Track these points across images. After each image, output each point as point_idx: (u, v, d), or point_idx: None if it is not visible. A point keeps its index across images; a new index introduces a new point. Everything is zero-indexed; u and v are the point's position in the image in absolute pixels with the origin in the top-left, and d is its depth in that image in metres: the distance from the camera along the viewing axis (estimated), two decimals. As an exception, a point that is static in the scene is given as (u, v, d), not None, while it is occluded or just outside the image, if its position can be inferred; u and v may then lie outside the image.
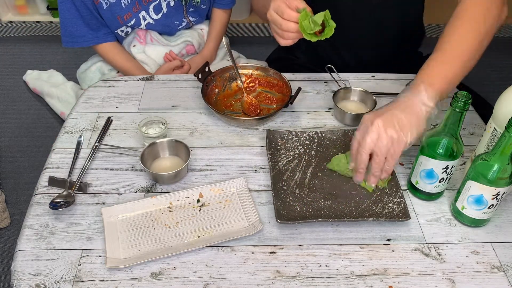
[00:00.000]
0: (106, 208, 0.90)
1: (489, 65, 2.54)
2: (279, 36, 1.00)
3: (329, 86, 1.27)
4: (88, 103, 1.19)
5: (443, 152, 0.87)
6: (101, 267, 0.83)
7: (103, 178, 0.99)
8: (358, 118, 1.12)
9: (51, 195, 0.95)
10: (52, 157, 1.04)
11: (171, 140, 1.02)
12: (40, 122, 2.10)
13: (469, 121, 1.16)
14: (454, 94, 0.82)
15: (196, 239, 0.87)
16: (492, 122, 0.91)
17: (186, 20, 1.50)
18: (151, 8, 1.42)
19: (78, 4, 1.36)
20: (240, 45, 2.45)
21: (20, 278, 0.81)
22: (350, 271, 0.83)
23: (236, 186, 0.97)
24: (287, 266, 0.84)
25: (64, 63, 2.43)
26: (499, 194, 0.84)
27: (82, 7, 1.37)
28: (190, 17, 1.50)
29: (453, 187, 0.98)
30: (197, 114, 1.17)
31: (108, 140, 1.09)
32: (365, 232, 0.90)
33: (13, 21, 2.71)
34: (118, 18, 1.40)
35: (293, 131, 1.09)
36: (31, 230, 0.89)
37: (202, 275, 0.82)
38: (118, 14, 1.40)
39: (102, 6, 1.37)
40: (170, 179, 0.98)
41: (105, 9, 1.37)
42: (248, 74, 1.25)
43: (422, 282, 0.82)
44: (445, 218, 0.93)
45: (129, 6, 1.39)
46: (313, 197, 0.95)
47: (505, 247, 0.88)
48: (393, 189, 0.96)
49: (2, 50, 2.58)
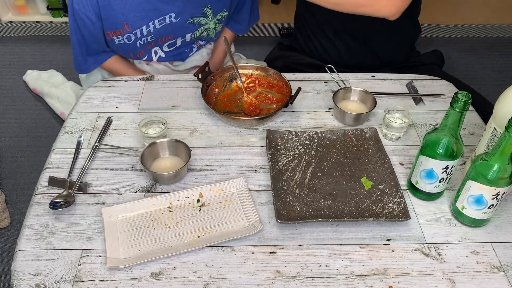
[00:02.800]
0: (106, 208, 0.90)
1: (489, 65, 2.54)
2: None
3: (329, 86, 1.27)
4: (88, 103, 1.19)
5: (443, 152, 0.87)
6: (101, 267, 0.83)
7: (103, 178, 0.99)
8: (358, 118, 1.12)
9: (51, 195, 0.95)
10: (52, 157, 1.04)
11: (171, 140, 1.02)
12: (40, 122, 2.10)
13: (469, 121, 1.16)
14: (454, 94, 0.82)
15: (196, 239, 0.87)
16: (492, 122, 0.91)
17: (196, 46, 1.48)
18: (166, 45, 1.38)
19: (88, 38, 1.30)
20: (240, 45, 2.45)
21: (20, 278, 0.81)
22: (350, 271, 0.83)
23: (236, 186, 0.97)
24: (287, 266, 0.84)
25: (64, 63, 2.43)
26: (499, 194, 0.84)
27: (91, 40, 1.31)
28: (199, 41, 1.47)
29: (453, 187, 0.98)
30: (197, 114, 1.17)
31: (108, 140, 1.09)
32: (365, 232, 0.90)
33: (13, 21, 2.70)
34: (130, 54, 1.37)
35: (293, 131, 1.09)
36: (31, 230, 0.89)
37: (202, 275, 0.82)
38: (130, 51, 1.36)
39: (114, 42, 1.32)
40: (170, 179, 0.98)
41: (116, 44, 1.32)
42: (248, 74, 1.25)
43: (422, 282, 0.82)
44: (445, 218, 0.93)
45: (144, 46, 1.35)
46: (313, 197, 0.95)
47: (505, 247, 0.88)
48: (393, 189, 0.96)
49: (2, 50, 2.57)
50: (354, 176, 1.00)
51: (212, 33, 1.43)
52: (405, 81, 1.29)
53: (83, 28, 1.27)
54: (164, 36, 1.34)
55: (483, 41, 2.74)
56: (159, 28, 1.30)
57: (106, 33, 1.29)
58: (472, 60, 2.58)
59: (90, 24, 1.25)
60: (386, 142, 1.09)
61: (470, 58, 2.60)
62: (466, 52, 2.63)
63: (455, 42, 2.70)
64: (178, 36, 1.36)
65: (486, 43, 2.73)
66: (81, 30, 1.28)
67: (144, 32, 1.29)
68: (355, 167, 1.02)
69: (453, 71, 2.20)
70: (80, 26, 1.27)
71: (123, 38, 1.30)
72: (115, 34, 1.29)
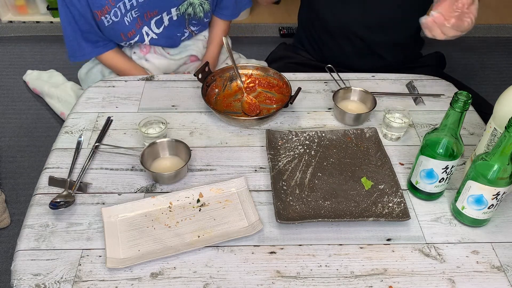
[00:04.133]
0: (106, 208, 0.90)
1: (489, 65, 2.54)
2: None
3: (329, 86, 1.27)
4: (88, 103, 1.19)
5: (443, 152, 0.87)
6: (101, 267, 0.83)
7: (103, 178, 0.99)
8: (358, 118, 1.12)
9: (51, 195, 0.95)
10: (52, 157, 1.04)
11: (171, 140, 1.02)
12: (40, 122, 2.10)
13: (469, 121, 1.16)
14: (454, 94, 0.82)
15: (196, 239, 0.87)
16: (492, 122, 0.91)
17: (188, 31, 1.48)
18: (153, 22, 1.39)
19: (78, 18, 1.31)
20: (240, 45, 2.45)
21: (20, 278, 0.81)
22: (350, 271, 0.83)
23: (236, 186, 0.97)
24: (287, 266, 0.84)
25: (64, 63, 2.43)
26: (499, 194, 0.84)
27: (82, 21, 1.32)
28: (192, 27, 1.48)
29: (453, 187, 0.98)
30: (197, 114, 1.17)
31: (108, 140, 1.09)
32: (365, 232, 0.90)
33: (13, 21, 2.70)
34: (122, 35, 1.37)
35: (293, 131, 1.09)
36: (31, 230, 0.89)
37: (202, 275, 0.82)
38: (121, 31, 1.36)
39: (103, 23, 1.32)
40: (170, 179, 0.98)
41: (107, 26, 1.33)
42: (248, 74, 1.25)
43: (422, 282, 0.82)
44: (445, 218, 0.93)
45: (132, 23, 1.36)
46: (313, 197, 0.95)
47: (505, 247, 0.88)
48: (393, 189, 0.96)
49: (2, 50, 2.57)
50: (354, 176, 1.00)
51: (199, 11, 1.43)
52: (405, 81, 1.29)
53: (71, 8, 1.29)
54: (148, 10, 1.35)
55: (483, 41, 2.74)
56: (141, 1, 1.31)
57: (94, 14, 1.30)
58: (472, 60, 2.58)
59: (77, 1, 1.27)
60: (386, 142, 1.09)
61: (470, 58, 2.60)
62: (466, 52, 2.63)
63: (455, 42, 2.69)
64: (163, 10, 1.37)
65: (486, 43, 2.73)
66: (71, 10, 1.29)
67: (127, 5, 1.30)
68: (355, 167, 1.02)
69: (453, 72, 2.20)
70: (68, 5, 1.28)
71: (110, 17, 1.31)
72: (102, 14, 1.30)
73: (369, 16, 1.36)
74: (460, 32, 1.08)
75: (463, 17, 1.07)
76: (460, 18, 1.07)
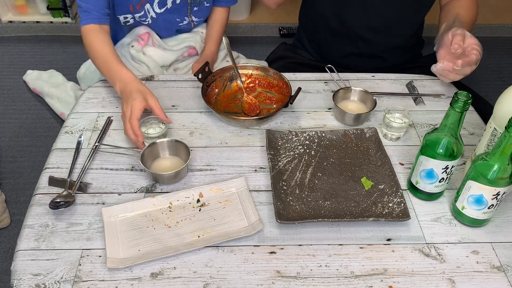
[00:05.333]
0: (106, 208, 0.90)
1: (489, 65, 2.54)
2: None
3: (329, 86, 1.27)
4: (88, 103, 1.19)
5: (443, 152, 0.87)
6: (101, 267, 0.83)
7: (103, 178, 0.99)
8: (358, 118, 1.12)
9: (51, 195, 0.95)
10: (52, 157, 1.04)
11: (171, 140, 1.02)
12: (40, 122, 2.10)
13: (469, 121, 1.16)
14: (454, 94, 0.82)
15: (196, 239, 0.87)
16: (492, 122, 0.91)
17: (188, 19, 1.49)
18: (156, 1, 1.40)
19: None
20: (240, 45, 2.45)
21: (20, 278, 0.81)
22: (350, 271, 0.83)
23: (236, 186, 0.97)
24: (287, 266, 0.84)
25: (64, 63, 2.43)
26: (499, 194, 0.84)
27: None
28: (193, 16, 1.49)
29: (453, 187, 0.98)
30: (197, 114, 1.17)
31: (108, 140, 1.09)
32: (365, 232, 0.90)
33: (13, 21, 2.70)
34: (130, 6, 1.37)
35: (293, 131, 1.09)
36: (31, 230, 0.89)
37: (202, 275, 0.82)
38: (131, 2, 1.36)
39: None
40: (170, 179, 0.98)
41: None
42: (248, 74, 1.25)
43: (422, 282, 0.82)
44: (445, 218, 0.93)
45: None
46: (313, 197, 0.95)
47: (505, 247, 0.88)
48: (393, 189, 0.96)
49: (2, 50, 2.57)
50: (354, 176, 1.00)
51: None
52: (405, 81, 1.29)
53: None
54: None
55: (483, 41, 2.73)
56: None
57: None
58: (472, 60, 2.58)
59: None
60: (386, 142, 1.09)
61: (470, 58, 2.59)
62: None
63: (455, 42, 2.70)
64: None
65: (486, 43, 2.72)
66: None
67: None
68: (355, 167, 1.02)
69: (453, 71, 2.20)
70: None
71: None
72: None
73: (370, 16, 1.36)
74: (475, 65, 1.11)
75: (468, 53, 1.09)
76: (465, 55, 1.09)
